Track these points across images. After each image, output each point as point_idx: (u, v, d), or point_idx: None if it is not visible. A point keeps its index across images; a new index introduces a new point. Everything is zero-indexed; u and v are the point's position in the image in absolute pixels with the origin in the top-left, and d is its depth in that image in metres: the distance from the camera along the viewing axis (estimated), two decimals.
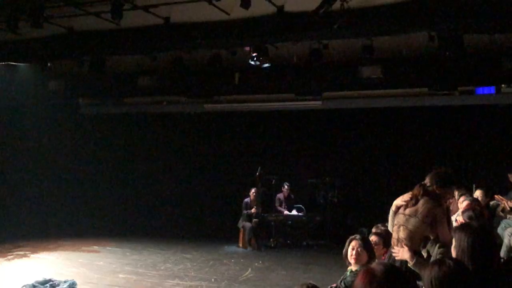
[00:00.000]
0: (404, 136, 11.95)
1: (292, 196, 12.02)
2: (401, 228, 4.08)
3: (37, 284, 7.38)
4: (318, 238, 11.60)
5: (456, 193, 6.49)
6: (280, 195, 11.98)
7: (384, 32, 7.93)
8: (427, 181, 4.29)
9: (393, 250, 4.10)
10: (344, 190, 12.12)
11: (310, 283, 3.29)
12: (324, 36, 8.36)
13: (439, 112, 11.39)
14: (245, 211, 11.46)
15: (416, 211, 4.08)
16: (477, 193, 7.11)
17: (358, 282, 1.78)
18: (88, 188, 14.05)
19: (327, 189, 11.94)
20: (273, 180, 11.88)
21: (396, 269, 2.02)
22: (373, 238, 4.65)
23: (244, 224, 11.32)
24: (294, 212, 11.81)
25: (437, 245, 3.88)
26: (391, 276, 1.75)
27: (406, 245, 3.92)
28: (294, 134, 12.94)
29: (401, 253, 3.91)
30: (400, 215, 4.15)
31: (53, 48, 9.25)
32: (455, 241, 2.78)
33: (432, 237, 3.97)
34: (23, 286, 7.31)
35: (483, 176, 9.91)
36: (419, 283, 2.96)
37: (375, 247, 4.47)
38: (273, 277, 8.62)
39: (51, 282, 7.54)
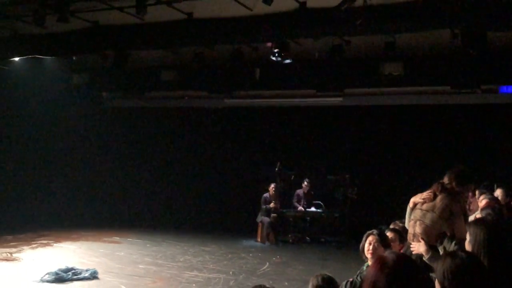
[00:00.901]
0: (425, 134, 11.86)
1: (312, 192, 12.04)
2: (418, 223, 4.10)
3: (60, 272, 7.56)
4: (336, 235, 11.60)
5: (476, 192, 6.45)
6: (300, 191, 12.01)
7: (407, 29, 7.88)
8: (445, 179, 4.31)
9: (411, 245, 4.12)
10: (363, 187, 12.08)
11: (325, 274, 3.34)
12: (346, 32, 8.34)
13: (461, 111, 11.28)
14: (263, 206, 11.53)
15: (433, 206, 4.09)
16: (498, 192, 7.05)
17: (370, 269, 1.83)
18: (110, 180, 14.28)
19: (346, 185, 11.92)
20: (292, 176, 11.92)
21: (407, 258, 2.05)
22: (389, 234, 4.66)
23: (262, 219, 11.40)
24: (312, 209, 11.83)
25: (454, 241, 3.89)
26: (402, 264, 1.79)
27: (423, 239, 3.94)
28: (314, 130, 12.94)
29: (417, 247, 3.93)
30: (417, 210, 4.17)
31: (78, 42, 9.41)
32: (470, 236, 2.79)
33: (448, 234, 3.98)
34: (46, 274, 7.50)
35: (505, 176, 9.78)
36: (432, 275, 2.98)
37: (391, 243, 4.49)
38: (290, 271, 8.68)
39: (73, 270, 7.72)
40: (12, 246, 9.70)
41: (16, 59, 10.63)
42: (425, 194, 4.24)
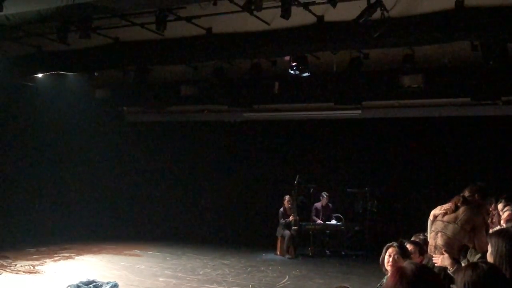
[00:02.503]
0: (445, 146, 11.75)
1: (330, 205, 11.96)
2: (439, 234, 4.06)
3: (81, 285, 7.62)
4: (357, 248, 11.51)
5: (499, 206, 6.36)
6: (318, 205, 11.95)
7: (425, 41, 7.87)
8: (466, 193, 4.28)
9: (433, 258, 4.07)
10: (383, 200, 11.99)
11: (344, 286, 3.32)
12: (364, 45, 8.37)
13: (482, 122, 11.14)
14: (282, 220, 11.48)
15: (455, 218, 4.05)
16: None
17: (389, 280, 1.82)
18: (131, 193, 14.43)
19: (366, 198, 11.85)
20: (312, 189, 11.89)
21: (426, 268, 2.05)
22: (408, 246, 4.62)
23: (283, 233, 11.34)
24: (332, 222, 11.75)
25: (478, 254, 3.84)
26: (421, 274, 1.78)
27: (446, 251, 3.89)
28: (334, 143, 12.92)
29: (441, 260, 3.88)
30: (438, 222, 4.13)
31: (100, 58, 9.60)
32: (491, 247, 2.76)
33: (471, 246, 3.93)
34: (68, 286, 7.56)
35: None
36: (453, 286, 2.95)
37: (411, 255, 4.44)
38: (310, 285, 8.62)
39: (94, 283, 7.77)
40: (34, 259, 9.83)
41: (40, 75, 10.91)
42: (446, 206, 4.21)
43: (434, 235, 4.13)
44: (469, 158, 11.32)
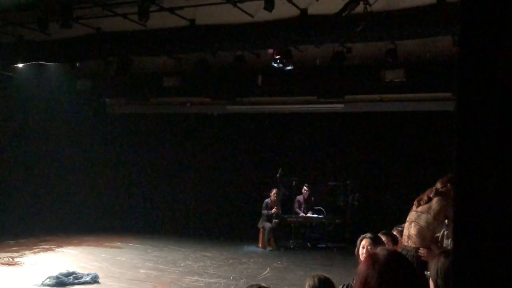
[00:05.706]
0: (426, 140, 11.87)
1: (312, 198, 12.04)
2: (412, 224, 4.12)
3: (61, 276, 7.58)
4: (338, 241, 11.60)
5: None
6: (300, 197, 12.01)
7: (408, 35, 7.93)
8: (438, 185, 4.34)
9: (420, 251, 4.10)
10: (364, 193, 12.10)
11: (322, 275, 3.35)
12: (347, 39, 8.39)
13: None
14: (265, 211, 11.54)
15: (428, 208, 4.12)
16: None
17: (362, 266, 1.84)
18: (112, 185, 14.33)
19: (348, 192, 11.95)
20: (294, 182, 11.94)
21: (399, 254, 2.07)
22: (382, 237, 4.66)
23: (264, 225, 11.40)
24: (310, 214, 11.81)
25: None
26: (393, 260, 1.80)
27: (418, 241, 3.95)
28: (316, 136, 12.98)
29: (427, 253, 3.92)
30: (412, 212, 4.21)
31: (81, 48, 9.48)
32: None
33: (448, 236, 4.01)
34: (47, 278, 7.51)
35: None
36: (427, 273, 2.99)
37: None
38: (291, 277, 8.67)
39: (74, 275, 7.75)
40: (14, 251, 9.73)
41: (20, 65, 10.73)
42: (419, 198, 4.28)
43: (408, 225, 4.20)
44: (450, 152, 11.42)
